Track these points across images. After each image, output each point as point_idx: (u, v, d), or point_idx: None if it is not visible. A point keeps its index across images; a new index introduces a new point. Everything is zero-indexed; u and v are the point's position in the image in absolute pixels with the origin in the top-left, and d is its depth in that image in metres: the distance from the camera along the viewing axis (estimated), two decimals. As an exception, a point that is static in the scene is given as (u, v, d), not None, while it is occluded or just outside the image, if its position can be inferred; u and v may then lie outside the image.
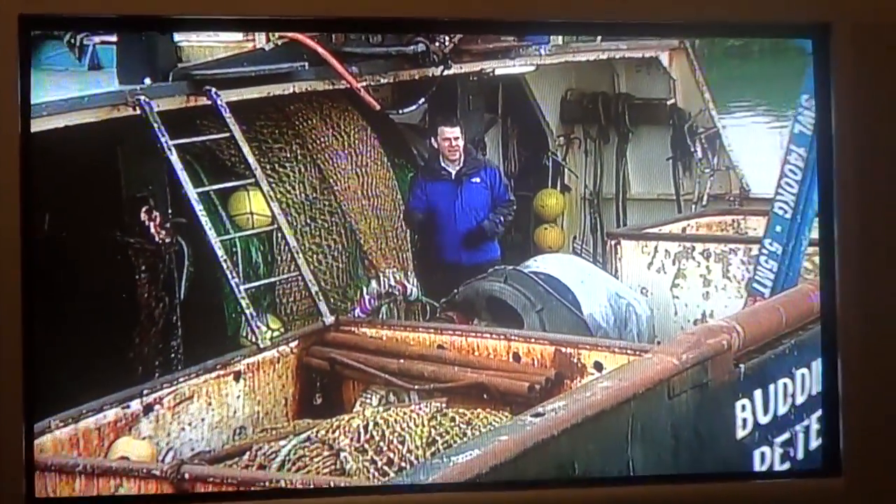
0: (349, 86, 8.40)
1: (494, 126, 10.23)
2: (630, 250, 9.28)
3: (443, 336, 7.47)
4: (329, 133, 8.68)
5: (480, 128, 9.66)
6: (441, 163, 8.77)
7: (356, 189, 8.68)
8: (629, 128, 10.48)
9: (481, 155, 9.35)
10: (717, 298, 8.98)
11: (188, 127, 7.67)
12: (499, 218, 8.85)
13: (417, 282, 8.74)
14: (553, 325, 7.93)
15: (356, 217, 8.63)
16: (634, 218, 10.52)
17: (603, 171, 10.60)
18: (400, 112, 9.22)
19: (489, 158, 9.62)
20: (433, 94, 9.07)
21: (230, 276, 7.35)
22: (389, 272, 8.64)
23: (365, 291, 8.52)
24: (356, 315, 8.22)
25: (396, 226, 8.85)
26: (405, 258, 8.87)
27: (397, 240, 8.86)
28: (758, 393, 6.70)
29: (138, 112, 7.24)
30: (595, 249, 10.40)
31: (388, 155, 9.01)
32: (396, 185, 8.97)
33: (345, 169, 8.66)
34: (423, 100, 9.15)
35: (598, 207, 10.62)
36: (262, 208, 7.82)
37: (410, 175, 9.09)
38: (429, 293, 8.60)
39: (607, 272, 9.12)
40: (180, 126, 7.49)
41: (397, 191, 8.96)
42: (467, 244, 8.80)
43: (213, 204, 7.75)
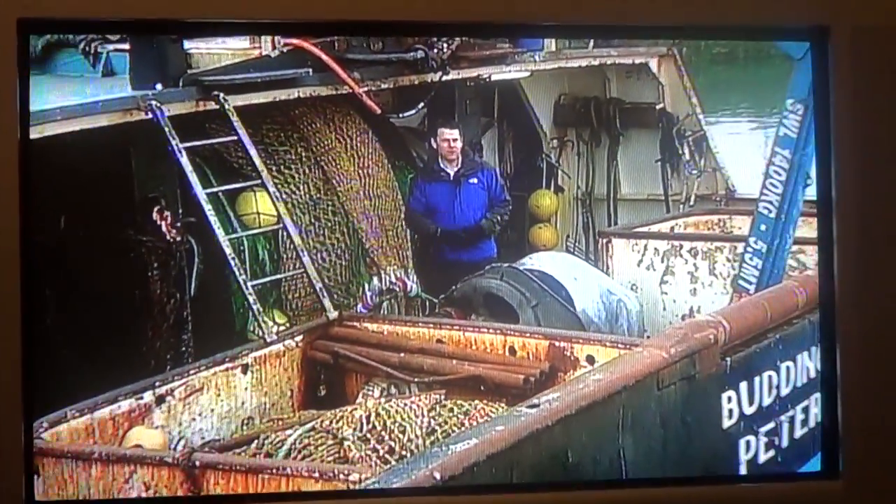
0: (351, 91, 8.39)
1: (491, 129, 10.24)
2: (621, 248, 9.30)
3: (441, 331, 7.46)
4: (332, 136, 8.68)
5: (477, 131, 9.68)
6: (440, 164, 8.78)
7: (358, 190, 8.69)
8: (620, 131, 10.48)
9: (478, 157, 9.36)
10: (704, 294, 9.01)
11: (198, 130, 7.67)
12: (495, 217, 8.85)
13: (417, 279, 8.76)
14: (547, 321, 7.93)
15: (358, 216, 8.63)
16: (625, 217, 10.52)
17: (595, 173, 10.62)
18: (400, 116, 9.24)
19: (486, 160, 9.64)
20: (432, 99, 9.10)
21: (238, 273, 7.34)
22: (390, 269, 8.65)
23: (367, 288, 8.53)
24: (358, 310, 8.25)
25: (397, 225, 8.86)
26: (405, 256, 8.87)
27: (398, 238, 8.86)
28: (743, 385, 6.72)
29: (150, 116, 7.24)
30: (587, 248, 10.42)
31: (389, 157, 9.02)
32: (397, 186, 8.98)
33: (347, 170, 8.67)
34: (423, 104, 9.17)
35: (591, 207, 10.64)
36: (269, 208, 7.82)
37: (410, 176, 9.10)
38: (428, 290, 8.62)
39: (599, 269, 9.14)
40: (190, 130, 7.49)
41: (398, 191, 8.97)
42: (465, 242, 8.81)
43: (222, 204, 7.75)
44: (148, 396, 6.48)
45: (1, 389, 4.42)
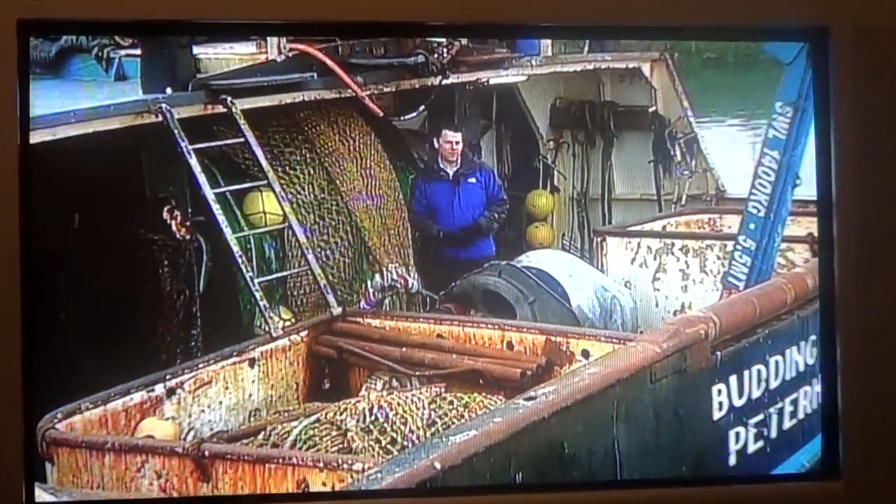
0: (354, 94, 8.40)
1: (489, 131, 10.23)
2: (615, 246, 9.31)
3: (441, 326, 7.47)
4: (336, 138, 8.67)
5: (476, 133, 9.66)
6: (440, 164, 8.80)
7: (361, 190, 8.68)
8: (614, 133, 10.47)
9: (477, 158, 9.36)
10: (695, 291, 9.03)
11: (206, 133, 7.66)
12: (493, 216, 8.88)
13: (418, 276, 8.71)
14: (544, 316, 7.94)
15: (361, 216, 8.62)
16: (619, 217, 10.52)
17: (589, 173, 10.60)
18: (401, 118, 9.22)
19: (484, 161, 9.63)
20: (432, 102, 9.08)
21: (245, 271, 7.35)
22: (392, 267, 8.62)
23: (369, 285, 8.49)
24: (361, 306, 8.19)
25: (398, 224, 8.86)
26: (407, 254, 8.86)
27: (399, 237, 8.86)
28: (733, 378, 6.74)
29: (160, 119, 7.25)
30: (582, 246, 10.39)
31: (391, 158, 9.00)
32: (398, 186, 8.96)
33: (351, 171, 8.67)
34: (423, 107, 9.15)
35: (585, 207, 10.63)
36: (275, 208, 7.82)
37: (411, 177, 9.08)
38: (428, 286, 8.57)
39: (594, 267, 9.14)
40: (199, 132, 7.50)
41: (399, 191, 8.95)
42: (464, 241, 8.82)
43: (229, 204, 7.72)
44: (159, 389, 6.49)
45: (1, 390, 4.37)
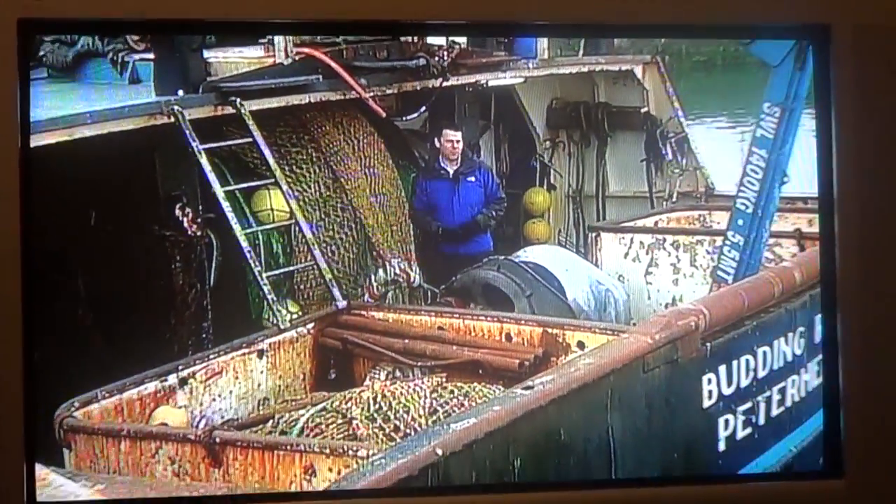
0: (358, 96, 8.41)
1: (488, 131, 10.21)
2: (609, 242, 9.32)
3: (442, 319, 7.48)
4: (340, 138, 8.68)
5: (475, 133, 9.67)
6: (440, 163, 8.79)
7: (365, 188, 8.69)
8: (607, 133, 10.47)
9: (476, 157, 9.35)
10: (686, 284, 9.03)
11: (216, 133, 7.68)
12: (492, 213, 8.86)
13: (420, 270, 8.75)
14: (541, 309, 7.92)
15: (365, 213, 8.64)
16: (612, 213, 10.50)
17: (584, 172, 10.59)
18: (403, 119, 9.24)
19: (483, 160, 9.62)
20: (433, 103, 9.10)
21: (254, 265, 7.38)
22: (395, 262, 8.65)
23: (373, 279, 8.53)
24: (365, 300, 8.23)
25: (401, 220, 8.88)
26: (409, 249, 8.87)
27: (401, 233, 8.87)
28: (722, 368, 6.73)
29: (172, 120, 7.27)
30: (578, 241, 10.39)
31: (393, 157, 9.01)
32: (400, 184, 8.98)
33: (355, 170, 8.69)
34: (424, 108, 9.18)
35: (581, 204, 10.61)
36: (282, 205, 7.82)
37: (413, 175, 9.08)
38: (430, 280, 8.58)
39: (589, 261, 9.15)
40: (209, 132, 7.52)
41: (401, 189, 8.96)
42: (463, 237, 8.81)
43: (238, 201, 7.73)
44: (172, 379, 6.51)
45: (2, 391, 4.31)
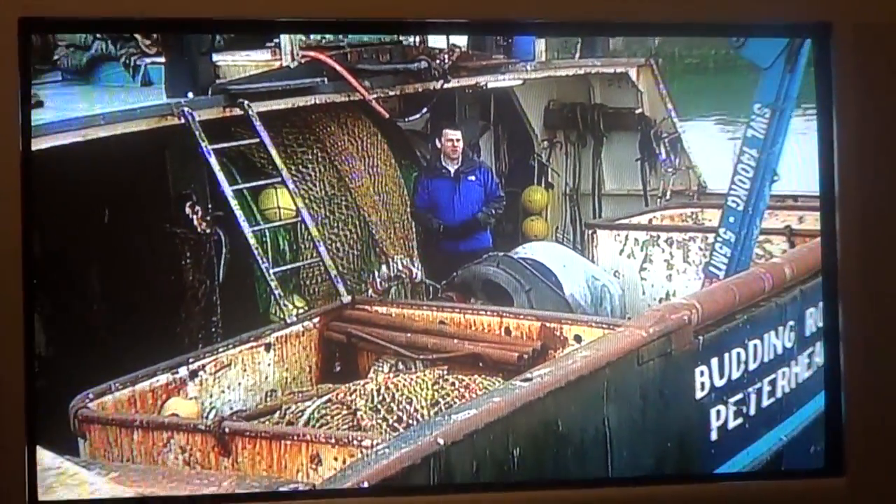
0: (362, 98, 8.43)
1: (487, 132, 10.21)
2: (604, 239, 9.32)
3: (444, 313, 7.49)
4: (345, 138, 8.68)
5: (475, 133, 9.69)
6: (441, 162, 8.79)
7: (368, 186, 8.69)
8: (603, 133, 10.48)
9: (476, 156, 9.37)
10: (679, 280, 9.03)
11: (225, 134, 7.68)
12: (491, 211, 8.87)
13: (421, 266, 8.78)
14: (539, 304, 7.95)
15: (369, 210, 8.64)
16: (608, 211, 10.51)
17: (581, 171, 10.60)
18: (406, 120, 9.25)
19: (483, 159, 9.64)
20: (434, 105, 9.13)
21: (261, 262, 7.38)
22: (397, 258, 8.67)
23: (377, 275, 8.54)
24: (369, 295, 8.28)
25: (403, 218, 8.88)
26: (411, 246, 8.87)
27: (404, 230, 8.88)
28: (714, 360, 6.73)
29: (182, 121, 7.28)
30: (575, 238, 10.39)
31: (396, 157, 9.01)
32: (403, 183, 8.98)
33: (359, 169, 8.69)
34: (426, 109, 9.20)
35: (577, 202, 10.61)
36: (288, 203, 7.82)
37: (415, 174, 9.09)
38: (431, 276, 8.64)
39: (585, 258, 9.15)
40: (218, 133, 7.52)
41: (404, 188, 8.97)
42: (463, 234, 8.83)
43: (246, 199, 7.73)
44: (183, 371, 6.53)
45: (3, 391, 4.25)
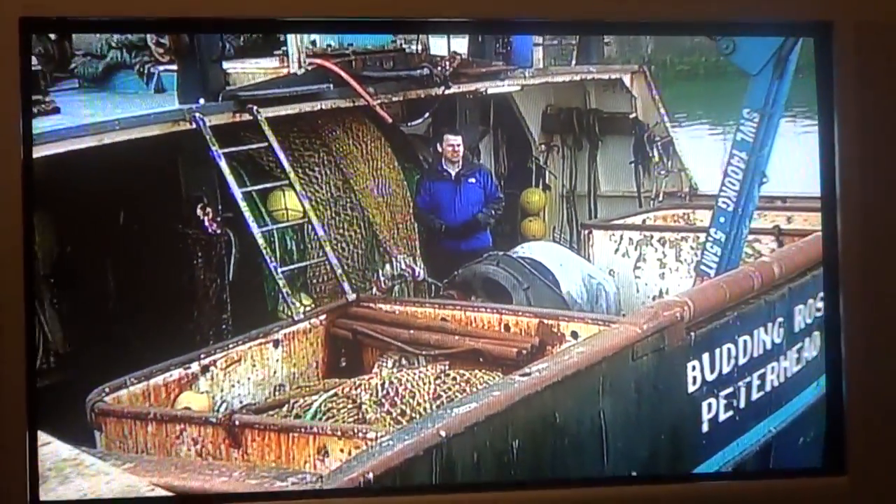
0: (366, 103, 8.43)
1: (487, 136, 10.24)
2: (600, 238, 9.33)
3: (445, 310, 7.49)
4: (350, 142, 8.70)
5: (475, 137, 9.70)
6: (443, 165, 8.79)
7: (372, 188, 8.72)
8: (598, 137, 10.51)
9: (476, 159, 9.40)
10: (672, 278, 9.04)
11: (234, 138, 7.68)
12: (491, 212, 8.87)
13: (424, 265, 8.78)
14: (537, 301, 7.94)
15: (372, 212, 8.66)
16: (603, 211, 10.53)
17: (577, 173, 10.63)
18: (408, 125, 9.27)
19: (483, 162, 9.68)
20: (436, 110, 9.14)
21: (269, 261, 7.39)
22: (401, 257, 8.68)
23: (380, 273, 8.56)
24: (374, 293, 8.28)
25: (406, 219, 8.89)
26: (413, 246, 8.90)
27: (407, 230, 8.89)
28: (706, 356, 6.72)
29: (194, 126, 7.29)
30: (571, 238, 10.40)
31: (399, 160, 9.03)
32: (405, 185, 9.00)
33: (363, 172, 8.70)
34: (428, 114, 9.21)
35: (574, 203, 10.65)
36: (295, 205, 7.82)
37: (417, 177, 9.09)
38: (433, 275, 8.64)
39: (581, 257, 9.14)
40: (228, 138, 7.53)
41: (406, 189, 8.99)
42: (464, 234, 8.82)
43: (255, 201, 7.73)
44: (195, 366, 6.54)
45: (4, 392, 4.22)
